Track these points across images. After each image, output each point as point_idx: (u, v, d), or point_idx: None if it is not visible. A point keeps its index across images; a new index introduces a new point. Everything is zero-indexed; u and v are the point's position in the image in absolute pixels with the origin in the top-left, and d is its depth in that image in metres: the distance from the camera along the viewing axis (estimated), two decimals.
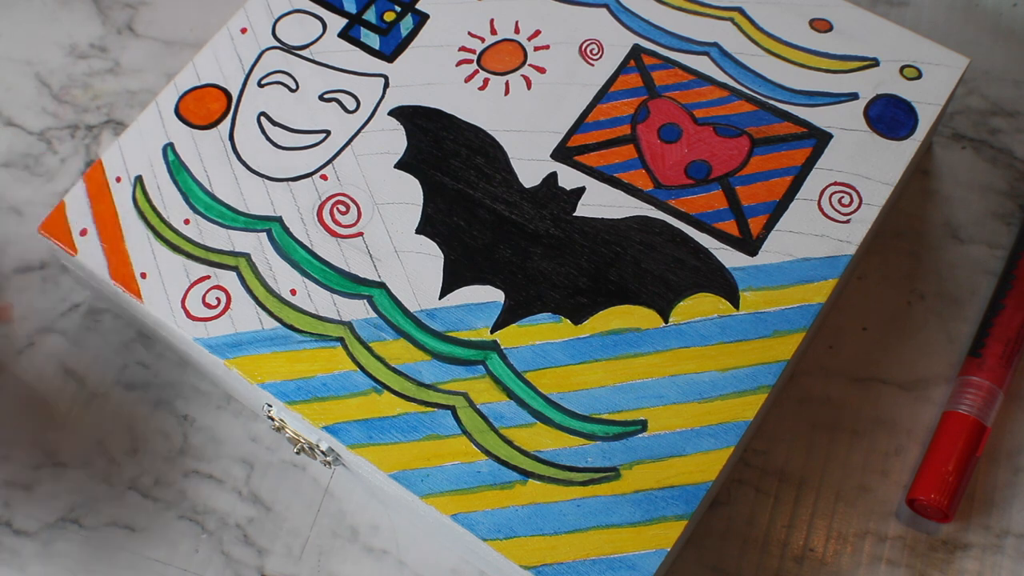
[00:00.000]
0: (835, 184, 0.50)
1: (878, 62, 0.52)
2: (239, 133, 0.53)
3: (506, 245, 0.49)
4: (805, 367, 0.53)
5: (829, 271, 0.48)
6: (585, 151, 0.51)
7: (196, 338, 0.48)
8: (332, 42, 0.55)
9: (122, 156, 0.52)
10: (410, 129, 0.52)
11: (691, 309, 0.48)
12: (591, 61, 0.53)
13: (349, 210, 0.51)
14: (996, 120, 0.58)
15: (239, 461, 0.52)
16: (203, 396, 0.54)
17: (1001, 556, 0.49)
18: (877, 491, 0.51)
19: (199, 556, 0.51)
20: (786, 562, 0.49)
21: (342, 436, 0.46)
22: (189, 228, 0.51)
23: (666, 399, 0.46)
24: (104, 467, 0.52)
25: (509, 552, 0.44)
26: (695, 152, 0.51)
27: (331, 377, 0.47)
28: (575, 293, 0.48)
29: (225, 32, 0.55)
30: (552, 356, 0.47)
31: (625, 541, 0.44)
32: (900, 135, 0.51)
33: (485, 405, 0.46)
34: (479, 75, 0.53)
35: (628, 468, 0.45)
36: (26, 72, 0.62)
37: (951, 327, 0.54)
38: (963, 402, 0.50)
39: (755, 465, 0.51)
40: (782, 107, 0.52)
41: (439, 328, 0.48)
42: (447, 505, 0.45)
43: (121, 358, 0.55)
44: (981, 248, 0.55)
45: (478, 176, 0.51)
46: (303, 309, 0.49)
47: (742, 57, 0.53)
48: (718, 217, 0.50)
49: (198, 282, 0.49)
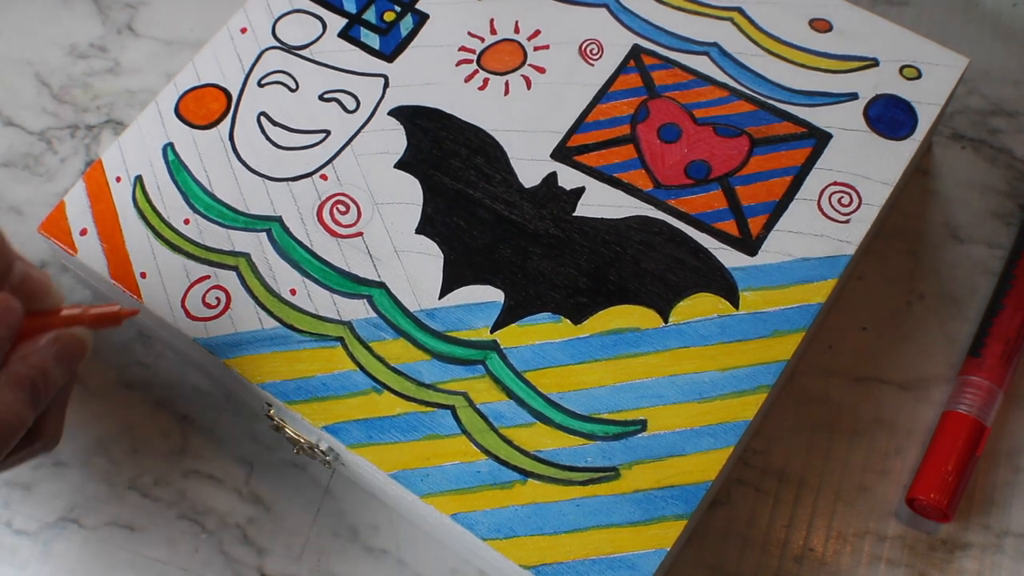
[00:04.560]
0: (835, 184, 0.50)
1: (878, 62, 0.52)
2: (239, 133, 0.53)
3: (506, 245, 0.49)
4: (805, 367, 0.53)
5: (829, 271, 0.48)
6: (585, 151, 0.51)
7: (196, 338, 0.48)
8: (332, 42, 0.55)
9: (122, 156, 0.52)
10: (410, 129, 0.52)
11: (691, 309, 0.48)
12: (591, 61, 0.53)
13: (349, 210, 0.51)
14: (996, 120, 0.58)
15: (239, 461, 0.52)
16: (203, 396, 0.54)
17: (1001, 556, 0.49)
18: (877, 491, 0.51)
19: (199, 556, 0.51)
20: (786, 562, 0.49)
21: (342, 436, 0.46)
22: (189, 228, 0.51)
23: (666, 399, 0.46)
24: (104, 467, 0.52)
25: (509, 552, 0.44)
26: (695, 152, 0.51)
27: (331, 377, 0.47)
28: (575, 293, 0.48)
29: (225, 32, 0.55)
30: (552, 356, 0.47)
31: (625, 541, 0.44)
32: (900, 135, 0.51)
33: (485, 405, 0.46)
34: (479, 75, 0.53)
35: (628, 468, 0.45)
36: (26, 72, 0.62)
37: (951, 327, 0.54)
38: (963, 402, 0.50)
39: (755, 465, 0.51)
40: (782, 107, 0.52)
41: (439, 328, 0.48)
42: (447, 505, 0.45)
43: (121, 358, 0.55)
44: (981, 248, 0.55)
45: (478, 176, 0.51)
46: (303, 309, 0.49)
47: (742, 57, 0.53)
48: (718, 217, 0.50)
49: (198, 282, 0.49)
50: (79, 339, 0.40)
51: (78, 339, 0.40)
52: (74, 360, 0.40)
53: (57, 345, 0.39)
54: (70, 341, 0.39)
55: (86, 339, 0.40)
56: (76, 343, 0.40)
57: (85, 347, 0.40)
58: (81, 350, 0.40)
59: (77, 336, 0.40)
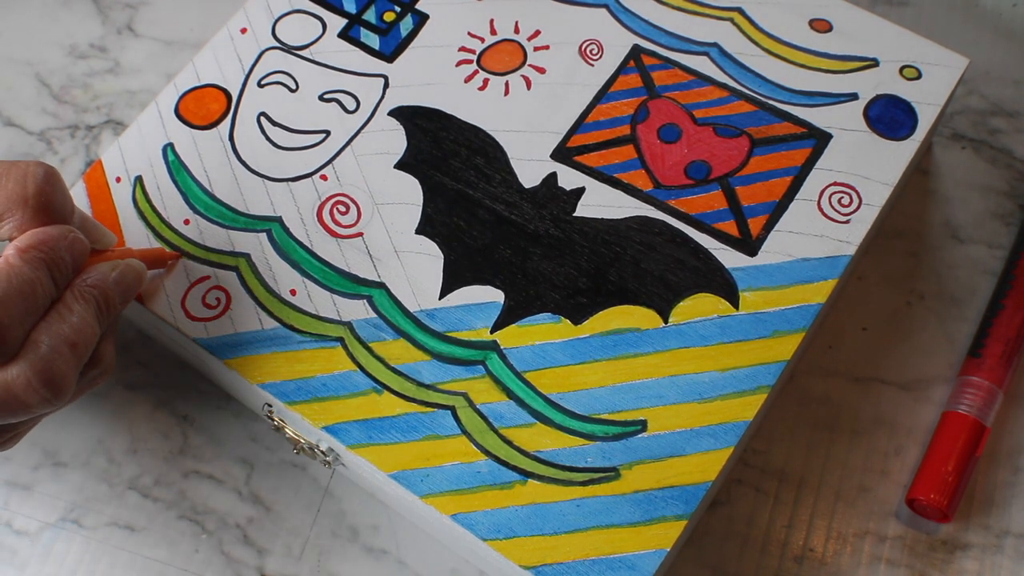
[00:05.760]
0: (835, 184, 0.50)
1: (878, 62, 0.52)
2: (239, 133, 0.53)
3: (506, 245, 0.49)
4: (805, 367, 0.53)
5: (829, 271, 0.48)
6: (585, 151, 0.51)
7: (196, 338, 0.48)
8: (332, 42, 0.55)
9: (122, 156, 0.53)
10: (410, 129, 0.52)
11: (691, 309, 0.48)
12: (591, 61, 0.53)
13: (349, 210, 0.51)
14: (996, 120, 0.58)
15: (239, 461, 0.52)
16: (203, 396, 0.54)
17: (1001, 556, 0.49)
18: (877, 491, 0.51)
19: (199, 556, 0.51)
20: (786, 562, 0.49)
21: (342, 436, 0.46)
22: (189, 228, 0.51)
23: (666, 399, 0.46)
24: (104, 467, 0.53)
25: (509, 552, 0.44)
26: (695, 152, 0.51)
27: (331, 377, 0.47)
28: (575, 293, 0.48)
29: (225, 32, 0.55)
30: (552, 356, 0.47)
31: (625, 541, 0.44)
32: (900, 135, 0.51)
33: (485, 405, 0.46)
34: (479, 75, 0.53)
35: (628, 468, 0.45)
36: (26, 72, 0.62)
37: (951, 327, 0.54)
38: (963, 402, 0.50)
39: (755, 465, 0.51)
40: (782, 107, 0.52)
41: (439, 328, 0.48)
42: (447, 505, 0.45)
43: (121, 358, 0.55)
44: (981, 248, 0.55)
45: (478, 176, 0.51)
46: (303, 309, 0.49)
47: (742, 57, 0.53)
48: (718, 217, 0.50)
49: (198, 282, 0.49)
50: (135, 268, 0.45)
51: (134, 268, 0.45)
52: (130, 287, 0.44)
53: (116, 271, 0.43)
54: (126, 269, 0.44)
55: (141, 270, 0.45)
56: (132, 271, 0.44)
57: (141, 276, 0.45)
58: (137, 278, 0.45)
59: (132, 266, 0.45)
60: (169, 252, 0.49)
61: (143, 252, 0.47)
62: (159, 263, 0.49)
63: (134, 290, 0.45)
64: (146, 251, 0.48)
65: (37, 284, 0.40)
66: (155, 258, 0.48)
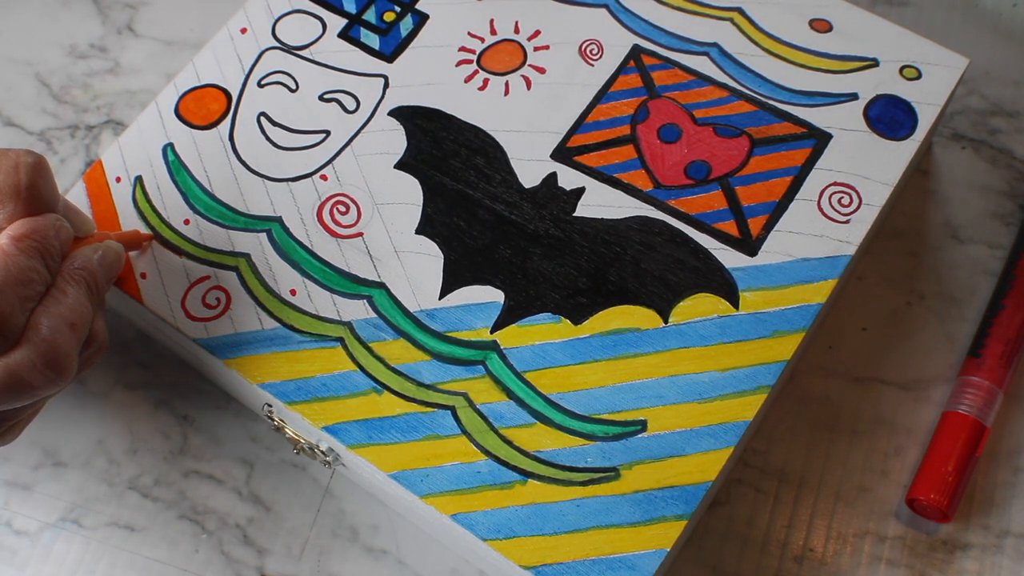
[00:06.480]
0: (835, 184, 0.50)
1: (878, 62, 0.52)
2: (239, 133, 0.53)
3: (506, 245, 0.49)
4: (805, 367, 0.53)
5: (829, 271, 0.48)
6: (585, 151, 0.51)
7: (196, 338, 0.48)
8: (332, 42, 0.55)
9: (122, 156, 0.53)
10: (410, 129, 0.52)
11: (691, 309, 0.48)
12: (591, 61, 0.53)
13: (349, 210, 0.51)
14: (996, 120, 0.58)
15: (239, 461, 0.52)
16: (203, 396, 0.54)
17: (1001, 556, 0.49)
18: (877, 491, 0.51)
19: (199, 556, 0.51)
20: (786, 562, 0.49)
21: (342, 436, 0.46)
22: (189, 228, 0.51)
23: (666, 399, 0.46)
24: (104, 467, 0.53)
25: (509, 552, 0.44)
26: (695, 152, 0.51)
27: (331, 377, 0.47)
28: (575, 293, 0.48)
29: (225, 32, 0.55)
30: (552, 356, 0.47)
31: (625, 541, 0.44)
32: (900, 135, 0.51)
33: (485, 405, 0.46)
34: (479, 75, 0.53)
35: (628, 468, 0.45)
36: (26, 72, 0.62)
37: (951, 327, 0.54)
38: (963, 402, 0.50)
39: (754, 465, 0.51)
40: (782, 107, 0.52)
41: (439, 328, 0.48)
42: (447, 505, 0.45)
43: (121, 358, 0.55)
44: (981, 248, 0.55)
45: (478, 176, 0.51)
46: (303, 309, 0.49)
47: (742, 57, 0.53)
48: (718, 217, 0.50)
49: (198, 282, 0.49)
50: (115, 249, 0.46)
51: (114, 249, 0.46)
52: (113, 266, 0.46)
53: (98, 253, 0.45)
54: (108, 251, 0.46)
55: (120, 251, 0.47)
56: (112, 252, 0.46)
57: (121, 256, 0.47)
58: (118, 259, 0.46)
59: (112, 247, 0.46)
60: (144, 234, 0.50)
61: (119, 235, 0.49)
62: (135, 245, 0.50)
63: (116, 270, 0.46)
64: (122, 234, 0.49)
65: (33, 272, 0.41)
66: (131, 240, 0.49)
